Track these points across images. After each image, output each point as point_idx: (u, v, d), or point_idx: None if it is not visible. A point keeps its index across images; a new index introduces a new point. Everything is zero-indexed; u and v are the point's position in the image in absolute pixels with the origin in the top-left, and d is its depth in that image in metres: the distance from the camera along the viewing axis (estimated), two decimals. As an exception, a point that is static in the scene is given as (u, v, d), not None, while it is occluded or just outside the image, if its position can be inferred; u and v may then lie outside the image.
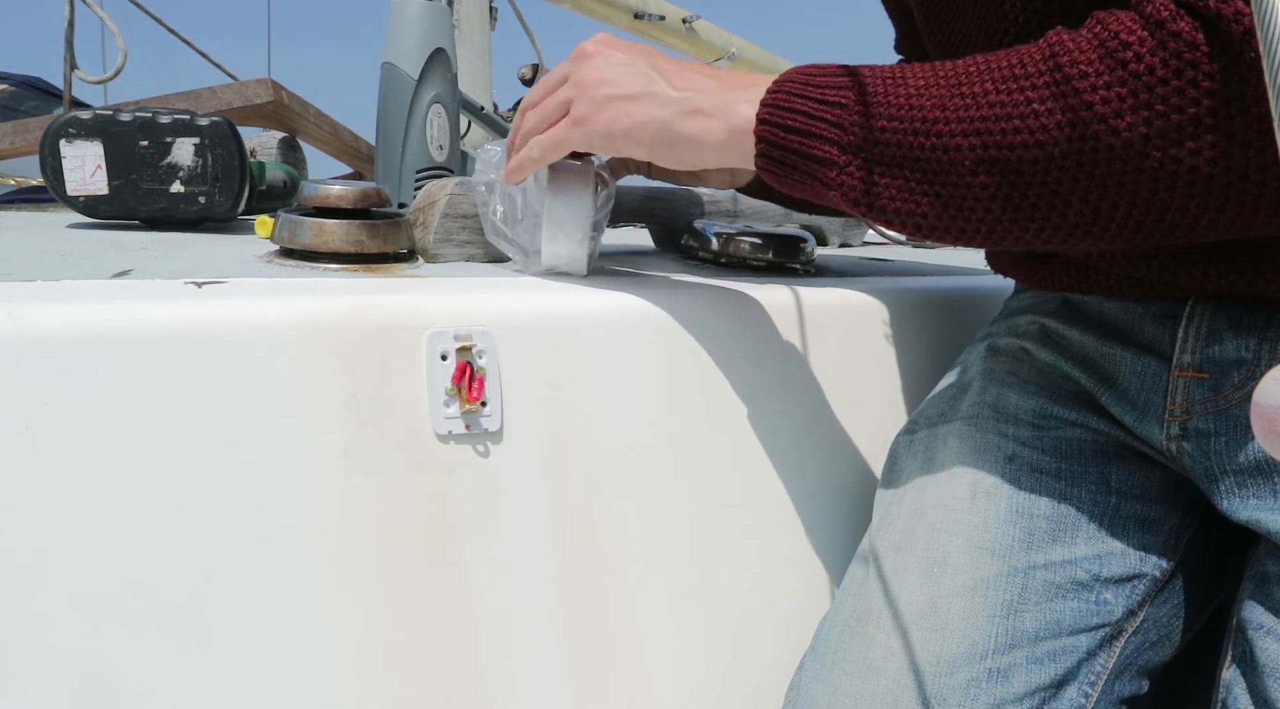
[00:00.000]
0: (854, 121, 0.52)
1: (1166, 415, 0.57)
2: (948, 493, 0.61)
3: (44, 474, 0.47)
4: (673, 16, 2.08)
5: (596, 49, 0.59)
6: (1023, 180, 0.48)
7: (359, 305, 0.54)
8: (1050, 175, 0.47)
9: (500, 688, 0.58)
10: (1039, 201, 0.48)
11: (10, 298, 0.48)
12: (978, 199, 0.50)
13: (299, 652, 0.52)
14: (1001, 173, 0.48)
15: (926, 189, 0.51)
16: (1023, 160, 0.48)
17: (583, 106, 0.58)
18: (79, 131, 0.76)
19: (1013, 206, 0.49)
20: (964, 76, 0.50)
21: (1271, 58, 0.27)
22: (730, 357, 0.65)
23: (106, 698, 0.49)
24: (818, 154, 0.53)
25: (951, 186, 0.50)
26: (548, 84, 0.61)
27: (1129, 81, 0.45)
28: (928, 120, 0.50)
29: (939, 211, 0.51)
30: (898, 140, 0.51)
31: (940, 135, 0.50)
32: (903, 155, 0.51)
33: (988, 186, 0.49)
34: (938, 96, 0.50)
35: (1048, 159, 0.47)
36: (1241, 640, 0.54)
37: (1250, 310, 0.54)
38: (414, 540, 0.55)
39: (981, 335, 0.71)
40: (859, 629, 0.59)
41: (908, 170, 0.51)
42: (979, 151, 0.49)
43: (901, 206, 0.52)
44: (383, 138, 0.90)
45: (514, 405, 0.57)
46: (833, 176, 0.53)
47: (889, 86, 0.52)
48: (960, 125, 0.49)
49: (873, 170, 0.52)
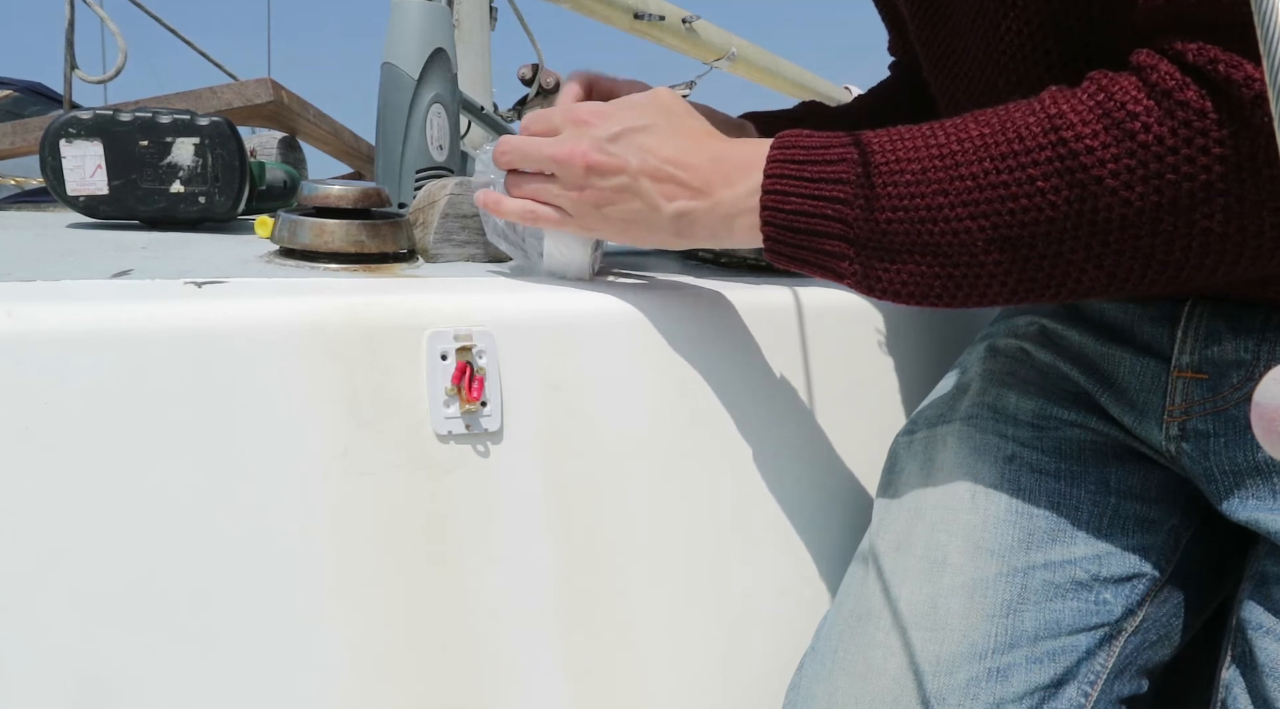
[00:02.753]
0: (857, 216, 0.51)
1: (1166, 416, 0.57)
2: (947, 493, 0.61)
3: (44, 474, 0.47)
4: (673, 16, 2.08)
5: (587, 150, 0.56)
6: (1035, 253, 0.48)
7: (359, 305, 0.54)
8: (1064, 246, 0.47)
9: (500, 688, 0.58)
10: (1054, 271, 0.48)
11: (10, 298, 0.47)
12: (992, 276, 0.49)
13: (299, 652, 0.52)
14: (1014, 249, 0.48)
15: (939, 271, 0.50)
16: (1035, 236, 0.47)
17: (584, 219, 0.58)
18: (79, 131, 0.76)
19: (1027, 278, 0.49)
20: (960, 156, 0.49)
21: (1271, 57, 0.27)
22: (730, 357, 0.65)
23: (106, 698, 0.49)
24: (826, 249, 0.53)
25: (964, 266, 0.49)
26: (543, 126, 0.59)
27: (1137, 152, 0.44)
28: (932, 207, 0.49)
29: (953, 289, 0.51)
30: (904, 230, 0.50)
31: (948, 220, 0.49)
32: (911, 242, 0.50)
33: (1001, 262, 0.49)
34: (937, 181, 0.49)
35: (1059, 233, 0.47)
36: (1241, 640, 0.54)
37: (1249, 311, 0.54)
38: (414, 540, 0.55)
39: (981, 336, 0.71)
40: (859, 629, 0.59)
41: (917, 255, 0.50)
42: (989, 232, 0.48)
43: (915, 290, 0.51)
44: (383, 138, 0.90)
45: (514, 405, 0.57)
46: (844, 267, 0.53)
47: (886, 176, 0.51)
48: (966, 209, 0.48)
49: (883, 259, 0.51)
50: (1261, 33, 0.27)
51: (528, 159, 0.59)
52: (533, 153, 0.58)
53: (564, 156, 0.56)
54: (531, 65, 1.58)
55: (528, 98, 1.57)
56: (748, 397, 0.65)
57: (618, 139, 0.56)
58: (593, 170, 0.56)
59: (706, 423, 0.64)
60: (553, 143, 0.57)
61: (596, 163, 0.56)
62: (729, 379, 0.65)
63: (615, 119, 0.57)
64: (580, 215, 0.58)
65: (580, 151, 0.56)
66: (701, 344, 0.64)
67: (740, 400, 0.65)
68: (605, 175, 0.56)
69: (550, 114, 0.59)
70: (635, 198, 0.56)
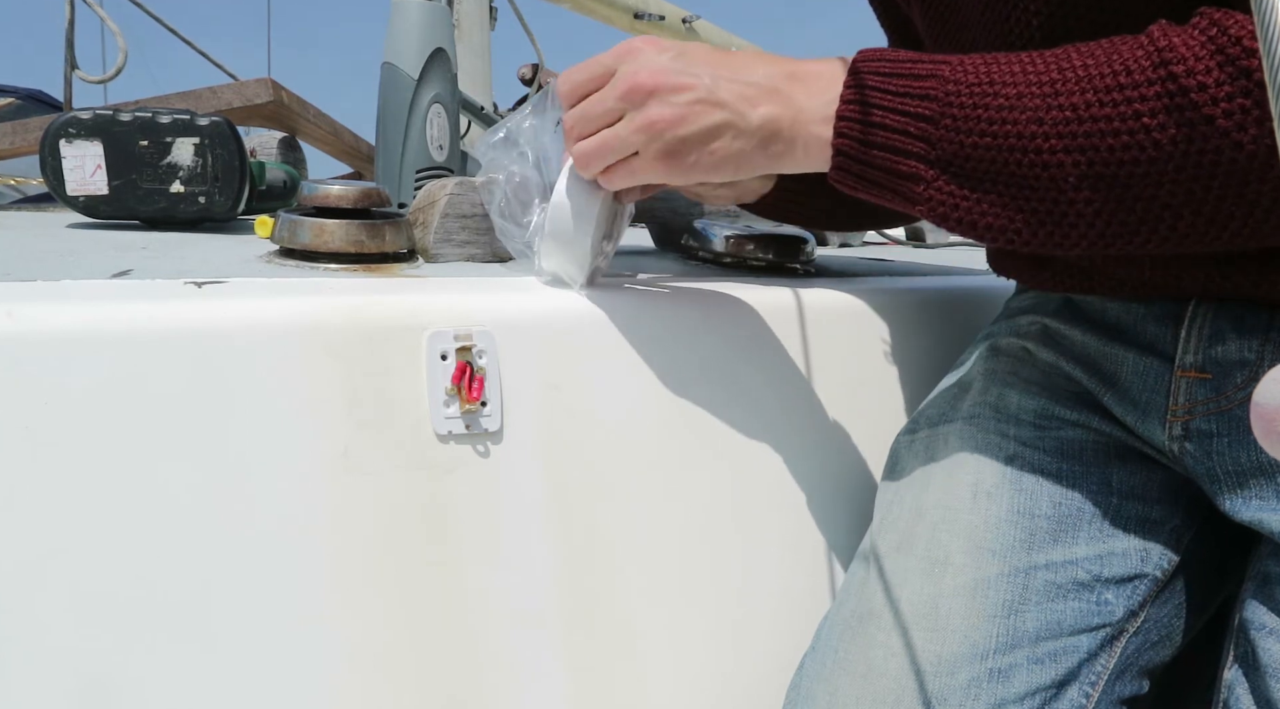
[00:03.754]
0: (942, 136, 0.48)
1: (1169, 416, 0.57)
2: (949, 493, 0.61)
3: (44, 474, 0.47)
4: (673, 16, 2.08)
5: (654, 77, 0.52)
6: (1130, 194, 0.45)
7: (359, 305, 0.53)
8: (1162, 189, 0.44)
9: (500, 687, 0.58)
10: (1146, 215, 0.45)
11: (10, 298, 0.47)
12: (1080, 215, 0.47)
13: (299, 652, 0.52)
14: (1108, 188, 0.45)
15: (1022, 206, 0.48)
16: (1132, 176, 0.45)
17: (658, 151, 0.53)
18: (79, 131, 0.76)
19: (1118, 221, 0.46)
20: (1060, 85, 0.46)
21: (1271, 57, 0.27)
22: (730, 357, 0.65)
23: (106, 698, 0.49)
24: (903, 169, 0.50)
25: (1051, 203, 0.47)
26: (603, 115, 0.54)
27: (1254, 92, 0.42)
28: (1024, 136, 0.46)
29: (1034, 227, 0.48)
30: (991, 157, 0.47)
31: (1039, 152, 0.46)
32: (996, 171, 0.48)
33: (1092, 202, 0.46)
34: (1033, 108, 0.47)
35: (1159, 174, 0.44)
36: (1243, 641, 0.54)
37: (1253, 311, 0.54)
38: (413, 540, 0.55)
39: (983, 335, 0.70)
40: (860, 629, 0.59)
41: (1001, 186, 0.48)
42: (1083, 168, 0.45)
43: (994, 222, 0.49)
44: (383, 138, 0.90)
45: (514, 405, 0.57)
46: (919, 191, 0.50)
47: (978, 97, 0.48)
48: (1061, 141, 0.46)
49: (963, 186, 0.49)
50: (1261, 33, 0.27)
51: (589, 119, 0.54)
52: (592, 111, 0.53)
53: (626, 89, 0.52)
54: (531, 65, 1.58)
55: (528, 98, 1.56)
56: (748, 396, 0.65)
57: (681, 57, 0.52)
58: (662, 90, 0.51)
59: (707, 423, 0.64)
60: (610, 85, 0.53)
61: (665, 83, 0.51)
62: (729, 379, 0.64)
63: (667, 45, 0.53)
64: (659, 151, 0.52)
65: (644, 75, 0.51)
66: (702, 344, 0.64)
67: (740, 400, 0.65)
68: (679, 91, 0.51)
69: (592, 62, 0.55)
70: (715, 109, 0.51)
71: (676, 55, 0.52)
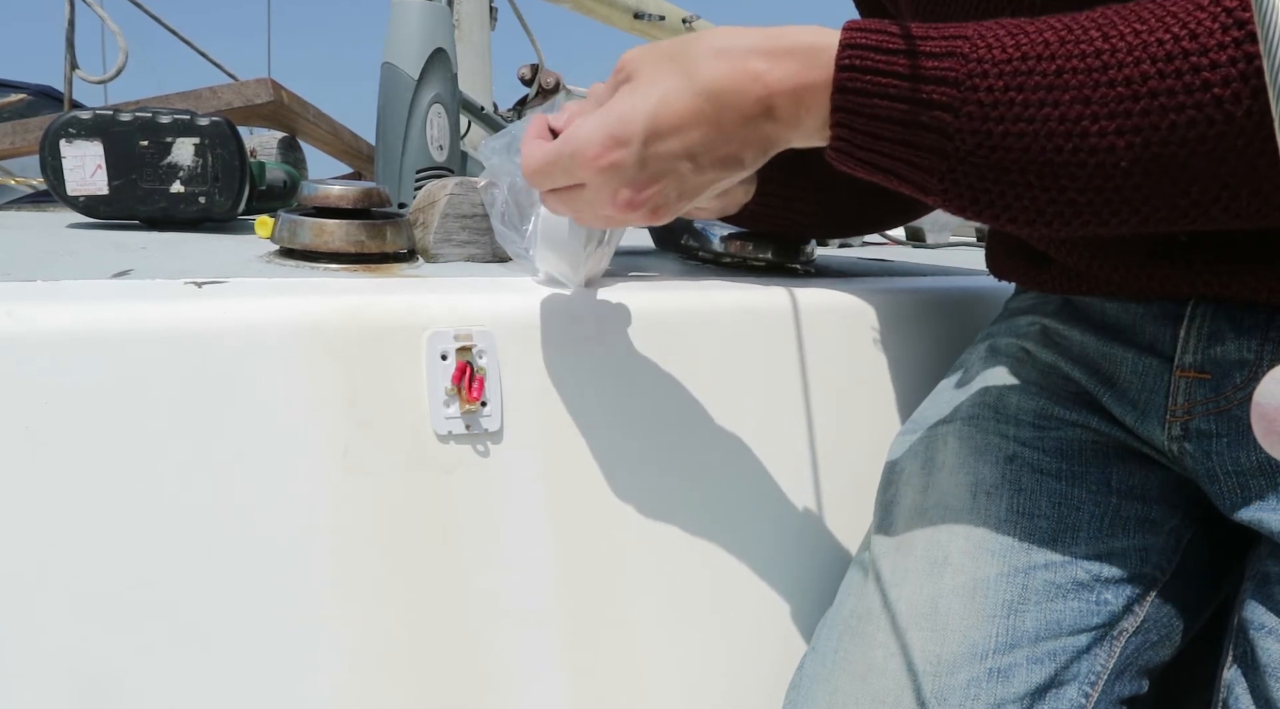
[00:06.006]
0: (963, 126, 0.42)
1: (1168, 416, 0.57)
2: (948, 493, 0.61)
3: (44, 474, 0.47)
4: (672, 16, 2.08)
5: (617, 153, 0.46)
6: (1187, 175, 0.40)
7: (359, 305, 0.53)
8: (1224, 167, 0.39)
9: (500, 687, 0.58)
10: (1202, 197, 0.40)
11: (10, 298, 0.47)
12: (1124, 200, 0.41)
13: (299, 652, 0.52)
14: (1165, 171, 0.40)
15: (1058, 196, 0.42)
16: (1194, 155, 0.39)
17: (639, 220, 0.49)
18: (79, 131, 0.76)
19: (1168, 204, 0.41)
20: (1109, 57, 0.40)
21: (1271, 57, 0.27)
22: (730, 357, 0.65)
23: (106, 698, 0.49)
24: (913, 160, 0.44)
25: (1094, 192, 0.41)
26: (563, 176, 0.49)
27: None
28: (1067, 119, 0.40)
29: (1068, 215, 0.43)
30: (1025, 145, 0.41)
31: (1085, 136, 0.40)
32: (1029, 160, 0.41)
33: (1142, 187, 0.41)
34: (1077, 86, 0.40)
35: (1226, 151, 0.39)
36: (1243, 641, 0.54)
37: (1252, 311, 0.54)
38: (413, 540, 0.55)
39: (982, 336, 0.70)
40: (860, 629, 0.59)
41: (1033, 175, 0.42)
42: (1138, 151, 0.40)
43: (1019, 214, 0.43)
44: (383, 138, 0.90)
45: (514, 405, 0.57)
46: (933, 183, 0.44)
47: (1009, 77, 0.41)
48: (1114, 122, 0.40)
49: (984, 177, 0.43)
50: (1262, 33, 0.27)
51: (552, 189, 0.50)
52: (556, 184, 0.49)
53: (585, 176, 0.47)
54: (531, 65, 1.58)
55: (528, 98, 1.56)
56: (747, 396, 0.65)
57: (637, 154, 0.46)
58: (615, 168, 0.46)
59: (706, 423, 0.64)
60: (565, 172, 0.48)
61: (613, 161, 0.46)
62: (728, 379, 0.64)
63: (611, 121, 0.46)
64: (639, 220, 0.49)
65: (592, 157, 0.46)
66: (701, 344, 0.64)
67: (740, 400, 0.65)
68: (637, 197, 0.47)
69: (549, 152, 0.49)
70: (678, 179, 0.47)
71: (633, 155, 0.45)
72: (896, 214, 0.80)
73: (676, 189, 0.48)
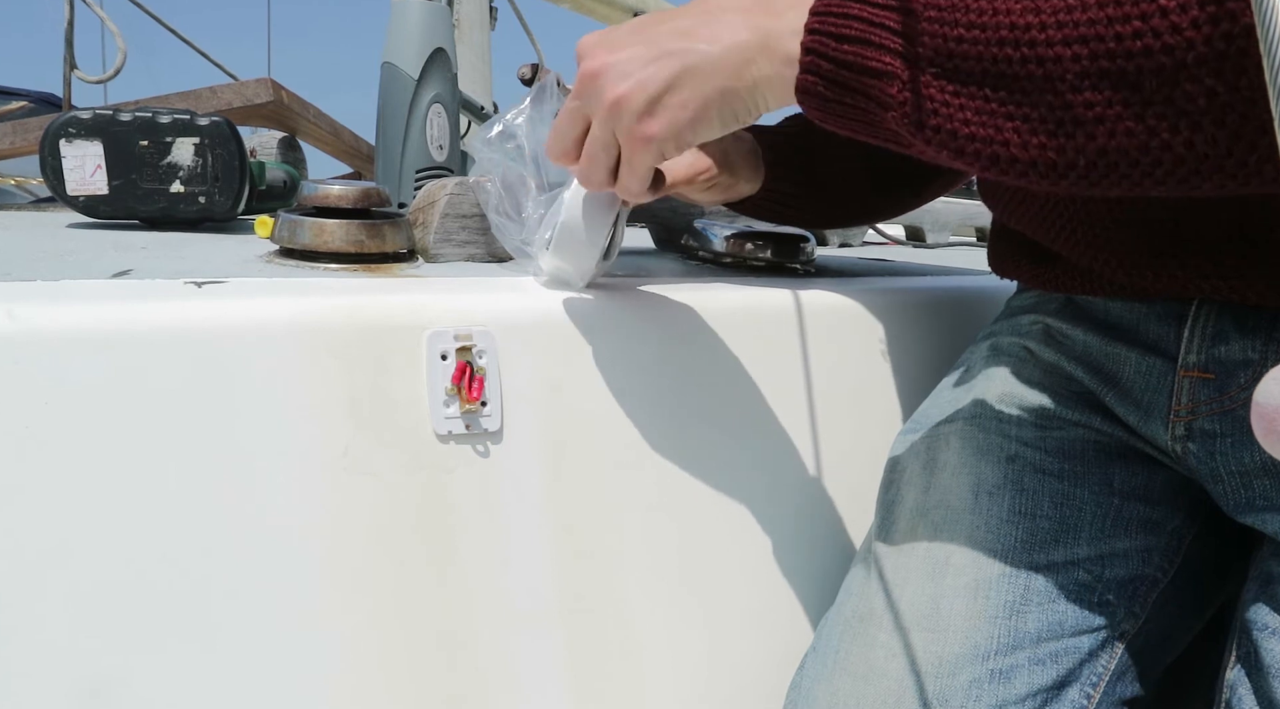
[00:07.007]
0: (923, 29, 0.43)
1: (1171, 416, 0.57)
2: (950, 493, 0.61)
3: (44, 474, 0.47)
4: (673, 17, 2.08)
5: (599, 60, 0.50)
6: (1141, 97, 0.39)
7: (359, 305, 0.53)
8: (1178, 89, 0.38)
9: (499, 687, 0.58)
10: (1158, 125, 0.39)
11: (10, 298, 0.47)
12: (1079, 121, 0.40)
13: (299, 651, 0.52)
14: (1113, 88, 0.39)
15: (1013, 111, 0.42)
16: (1142, 71, 0.38)
17: (634, 126, 0.50)
18: (79, 131, 0.76)
19: (1124, 131, 0.40)
20: None
21: (1271, 57, 0.27)
22: (730, 357, 0.64)
23: (106, 698, 0.49)
24: (874, 66, 0.44)
25: (1046, 107, 0.41)
26: (571, 125, 0.53)
27: None
28: (1017, 27, 0.41)
29: (1026, 138, 0.42)
30: (978, 52, 0.42)
31: (1034, 44, 0.40)
32: (984, 69, 0.42)
33: (1094, 105, 0.40)
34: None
35: (1177, 68, 0.38)
36: (1245, 641, 0.54)
37: (1256, 311, 0.54)
38: (413, 540, 0.55)
39: (984, 335, 0.70)
40: (861, 629, 0.59)
41: (989, 87, 0.42)
42: (1084, 63, 0.39)
43: (978, 132, 0.43)
44: (383, 138, 0.90)
45: (514, 405, 0.57)
46: (893, 93, 0.44)
47: None
48: (1060, 32, 0.40)
49: (944, 86, 0.43)
50: (1262, 33, 0.27)
51: (562, 134, 0.53)
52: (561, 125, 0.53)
53: (577, 88, 0.51)
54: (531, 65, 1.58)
55: (527, 98, 1.56)
56: (748, 396, 0.65)
57: (628, 32, 0.50)
58: (607, 68, 0.49)
59: (706, 423, 0.64)
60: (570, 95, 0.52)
61: (608, 60, 0.49)
62: (729, 379, 0.64)
63: (616, 28, 0.51)
64: (632, 127, 0.50)
65: (587, 63, 0.50)
66: (701, 344, 0.63)
67: (740, 400, 0.65)
68: (624, 62, 0.49)
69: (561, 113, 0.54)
70: (668, 59, 0.49)
71: (627, 32, 0.50)
72: (902, 200, 0.79)
73: (676, 71, 0.49)
